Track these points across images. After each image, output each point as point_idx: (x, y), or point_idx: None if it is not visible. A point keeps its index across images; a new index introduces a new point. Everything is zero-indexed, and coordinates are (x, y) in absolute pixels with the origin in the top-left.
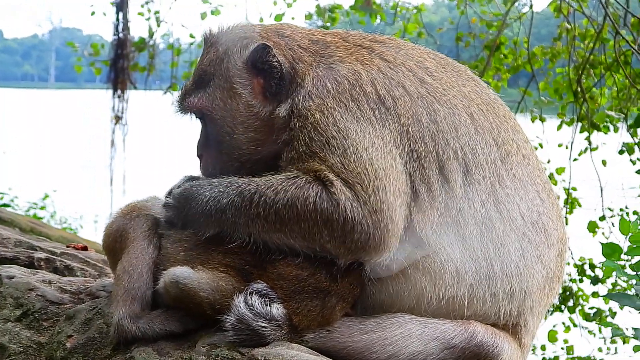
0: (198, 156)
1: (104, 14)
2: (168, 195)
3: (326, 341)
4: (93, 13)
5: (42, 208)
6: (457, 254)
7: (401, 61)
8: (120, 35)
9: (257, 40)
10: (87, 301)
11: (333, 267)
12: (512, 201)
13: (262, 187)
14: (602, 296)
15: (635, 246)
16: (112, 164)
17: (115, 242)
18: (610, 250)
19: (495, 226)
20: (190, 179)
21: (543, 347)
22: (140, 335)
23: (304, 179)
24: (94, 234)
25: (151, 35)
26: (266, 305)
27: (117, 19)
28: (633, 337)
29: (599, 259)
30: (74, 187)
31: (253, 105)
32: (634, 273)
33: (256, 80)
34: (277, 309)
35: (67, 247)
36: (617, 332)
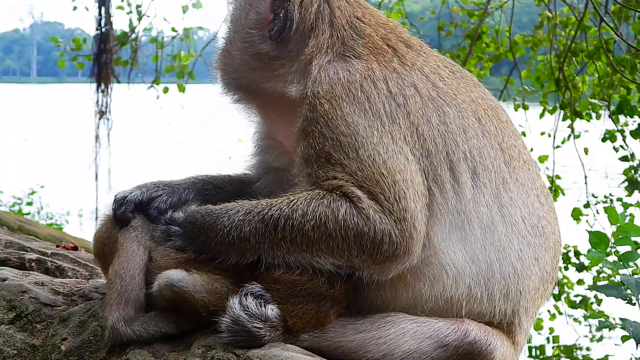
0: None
1: (86, 9)
2: (169, 222)
3: (320, 341)
4: (75, 8)
5: (30, 204)
6: (459, 257)
7: (419, 66)
8: (103, 29)
9: None
10: (81, 303)
11: (331, 274)
12: (514, 205)
13: (286, 210)
14: (589, 287)
15: (623, 236)
16: (97, 158)
17: (106, 246)
18: (598, 240)
19: (498, 229)
20: (142, 185)
21: (529, 339)
22: (135, 338)
23: (330, 197)
24: (79, 229)
25: (132, 29)
26: (261, 306)
27: (100, 14)
28: (621, 327)
29: (583, 246)
30: (59, 183)
31: (252, 33)
32: (620, 263)
33: (267, 15)
34: (272, 310)
35: (57, 246)
36: (604, 324)
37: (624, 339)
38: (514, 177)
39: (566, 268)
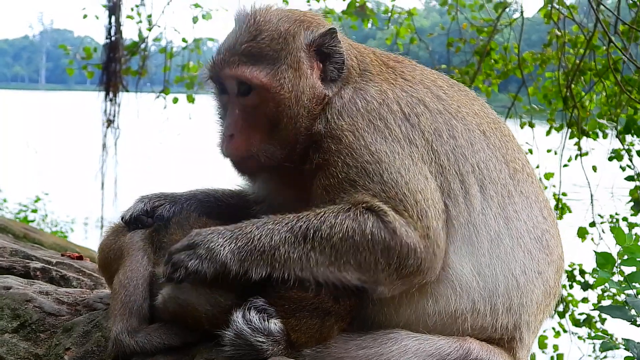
0: (226, 135)
1: (96, 17)
2: (184, 249)
3: (323, 356)
4: (85, 16)
5: (34, 211)
6: (466, 271)
7: (419, 79)
8: (113, 38)
9: (318, 26)
10: (85, 313)
11: (336, 289)
12: (519, 218)
13: (315, 221)
14: (594, 307)
15: (629, 257)
16: (104, 167)
17: (110, 257)
18: (604, 260)
19: (504, 242)
20: (148, 198)
21: (533, 357)
22: (138, 349)
23: (357, 210)
24: (84, 237)
25: (142, 39)
26: (264, 320)
27: (110, 22)
28: (624, 349)
29: (588, 264)
30: (65, 190)
31: (316, 87)
32: (626, 283)
33: (316, 63)
34: (274, 325)
35: (62, 255)
36: (607, 345)
37: (627, 359)
38: (518, 190)
39: (571, 286)
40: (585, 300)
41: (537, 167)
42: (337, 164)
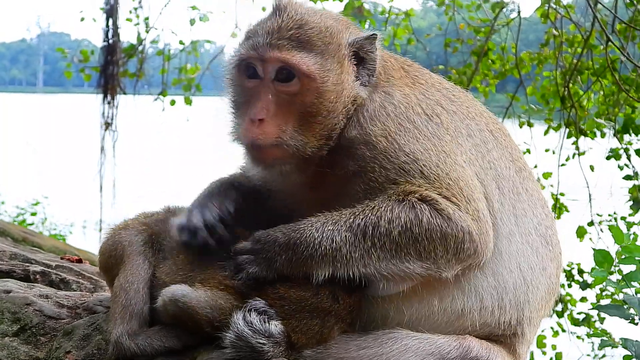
0: (256, 119)
1: (94, 20)
2: (246, 253)
3: (323, 357)
4: (82, 19)
5: (34, 214)
6: (477, 270)
7: (430, 83)
8: (110, 41)
9: (355, 29)
10: (85, 316)
11: (335, 288)
12: (527, 215)
13: (371, 217)
14: (592, 306)
15: (627, 256)
16: (102, 170)
17: (111, 260)
18: (602, 258)
19: (515, 239)
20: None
21: (531, 357)
22: (139, 352)
23: (410, 201)
24: (82, 240)
25: (140, 41)
26: (265, 322)
27: (107, 25)
28: (622, 347)
29: (587, 263)
30: (63, 193)
31: (354, 87)
32: (624, 282)
33: (352, 65)
34: (275, 326)
35: (62, 258)
36: (606, 342)
37: (626, 358)
38: (524, 188)
39: (569, 285)
40: (583, 299)
41: (535, 166)
42: (374, 169)
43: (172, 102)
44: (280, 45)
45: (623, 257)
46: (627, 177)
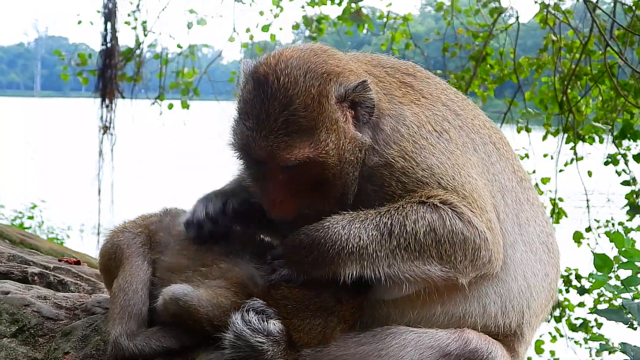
0: (275, 201)
1: (91, 23)
2: (278, 257)
3: (322, 355)
4: (80, 22)
5: (31, 218)
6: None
7: (436, 96)
8: (108, 45)
9: (344, 72)
10: (83, 317)
11: (339, 289)
12: (530, 224)
13: (397, 216)
14: (590, 311)
15: (626, 261)
16: (100, 173)
17: (110, 261)
18: (602, 263)
19: (519, 248)
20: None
21: None
22: (137, 352)
23: (433, 203)
24: (80, 244)
25: (138, 45)
26: (263, 321)
27: (105, 29)
28: (620, 351)
29: (584, 269)
30: (61, 197)
31: (354, 137)
32: (622, 287)
33: (348, 111)
34: (274, 325)
35: (60, 260)
36: (604, 346)
37: None
38: (525, 197)
39: (567, 291)
40: (581, 304)
41: (534, 172)
42: (390, 184)
43: (170, 106)
44: (271, 144)
45: (622, 262)
46: (625, 183)
